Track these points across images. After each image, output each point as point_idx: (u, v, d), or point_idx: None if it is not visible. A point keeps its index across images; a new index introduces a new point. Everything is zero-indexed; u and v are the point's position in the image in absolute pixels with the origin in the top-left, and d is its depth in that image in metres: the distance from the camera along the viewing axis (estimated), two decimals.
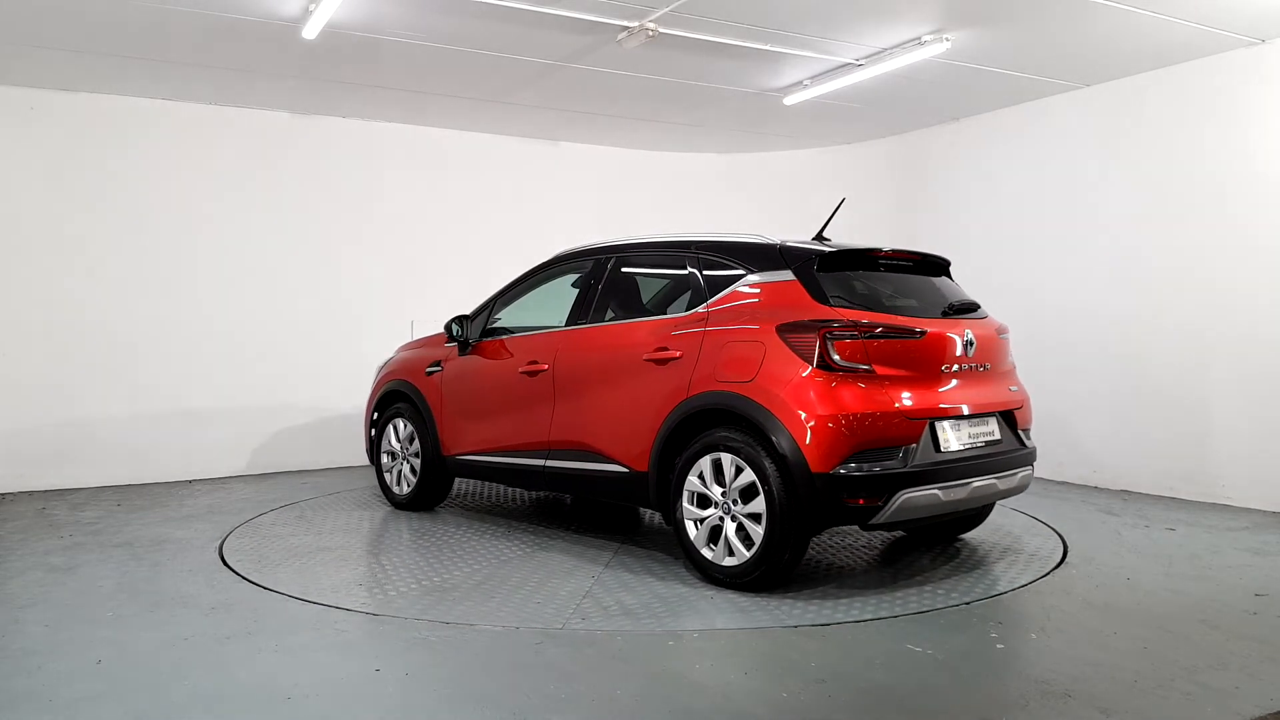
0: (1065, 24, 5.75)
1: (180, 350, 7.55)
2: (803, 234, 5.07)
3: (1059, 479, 7.25)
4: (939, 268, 5.05)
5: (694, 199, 9.44)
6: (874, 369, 4.25)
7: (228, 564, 4.91)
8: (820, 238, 5.05)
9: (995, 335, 4.88)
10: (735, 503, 4.36)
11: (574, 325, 5.33)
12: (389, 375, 6.49)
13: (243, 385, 7.79)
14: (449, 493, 6.44)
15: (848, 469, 4.10)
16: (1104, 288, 7.06)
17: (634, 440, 4.79)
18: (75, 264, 7.21)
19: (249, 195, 7.81)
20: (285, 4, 5.42)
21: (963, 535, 5.49)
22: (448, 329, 5.93)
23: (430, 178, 8.55)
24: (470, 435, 5.78)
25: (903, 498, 4.16)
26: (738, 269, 4.70)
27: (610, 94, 7.33)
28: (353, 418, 7.76)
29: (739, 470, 4.33)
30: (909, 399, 4.29)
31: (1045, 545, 5.27)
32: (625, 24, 5.70)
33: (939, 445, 4.35)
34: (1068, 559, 4.97)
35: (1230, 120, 6.30)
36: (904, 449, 4.22)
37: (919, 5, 5.50)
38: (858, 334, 4.26)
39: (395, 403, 6.36)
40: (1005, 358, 4.98)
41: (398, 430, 6.32)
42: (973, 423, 4.55)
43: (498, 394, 5.63)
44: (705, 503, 4.50)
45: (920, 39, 6.01)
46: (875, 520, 4.19)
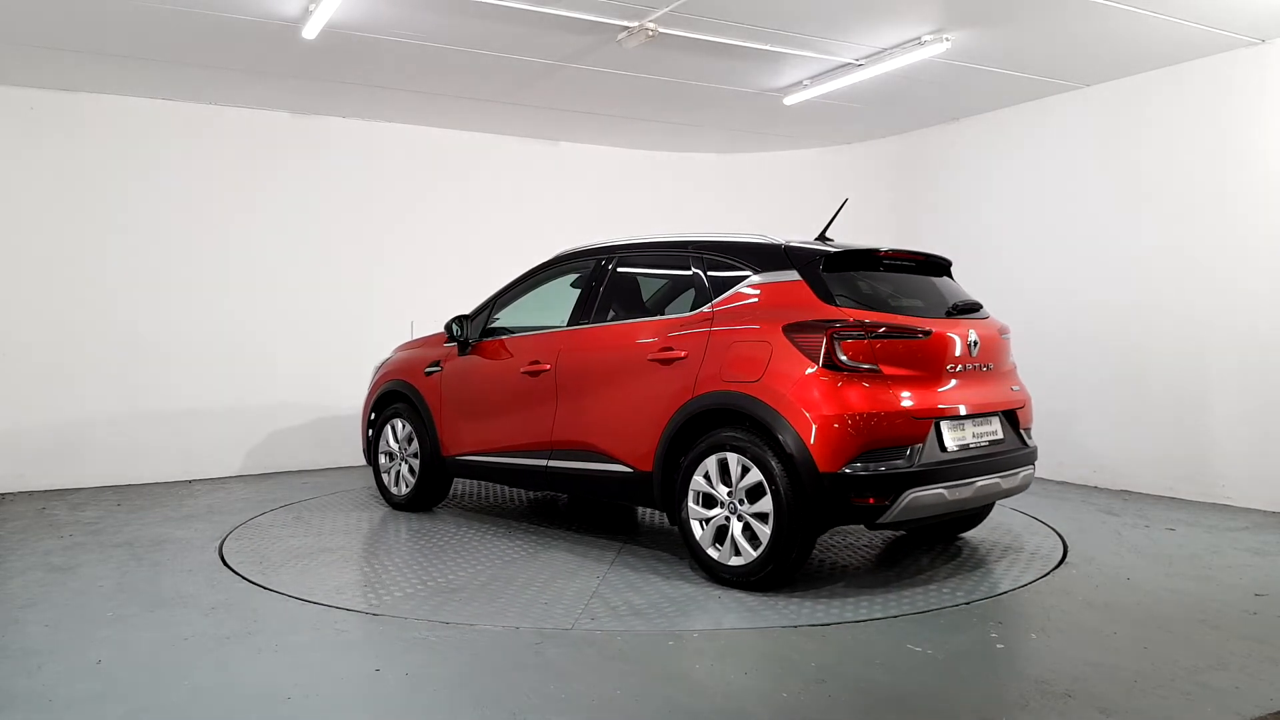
0: (1065, 24, 5.76)
1: (180, 350, 7.55)
2: (803, 234, 5.07)
3: (1059, 479, 7.25)
4: (940, 268, 5.06)
5: (694, 199, 9.44)
6: (880, 369, 4.26)
7: (228, 564, 4.91)
8: (823, 238, 5.05)
9: (997, 335, 4.91)
10: (741, 502, 4.35)
11: (576, 325, 5.32)
12: (386, 375, 6.47)
13: (243, 385, 7.79)
14: (447, 493, 6.44)
15: (855, 469, 4.11)
16: (1104, 287, 7.06)
17: (638, 440, 4.79)
18: (75, 264, 7.21)
19: (249, 195, 7.82)
20: (285, 4, 5.42)
21: (963, 534, 5.49)
22: (448, 329, 5.91)
23: (430, 178, 8.55)
24: (470, 435, 5.77)
25: (910, 497, 4.17)
26: (742, 269, 4.70)
27: (610, 94, 7.33)
28: (353, 418, 7.75)
29: (745, 470, 4.33)
30: (915, 399, 4.29)
31: (1045, 545, 5.27)
32: (625, 24, 5.70)
33: (944, 445, 4.36)
34: (1068, 559, 4.97)
35: (1230, 120, 6.30)
36: (910, 448, 4.23)
37: (919, 5, 5.51)
38: (864, 334, 4.26)
39: (393, 403, 6.36)
40: (1007, 358, 5.00)
41: (396, 430, 6.31)
42: (976, 422, 4.57)
43: (499, 394, 5.62)
44: (711, 503, 4.50)
45: (920, 39, 6.01)
46: (882, 520, 4.20)
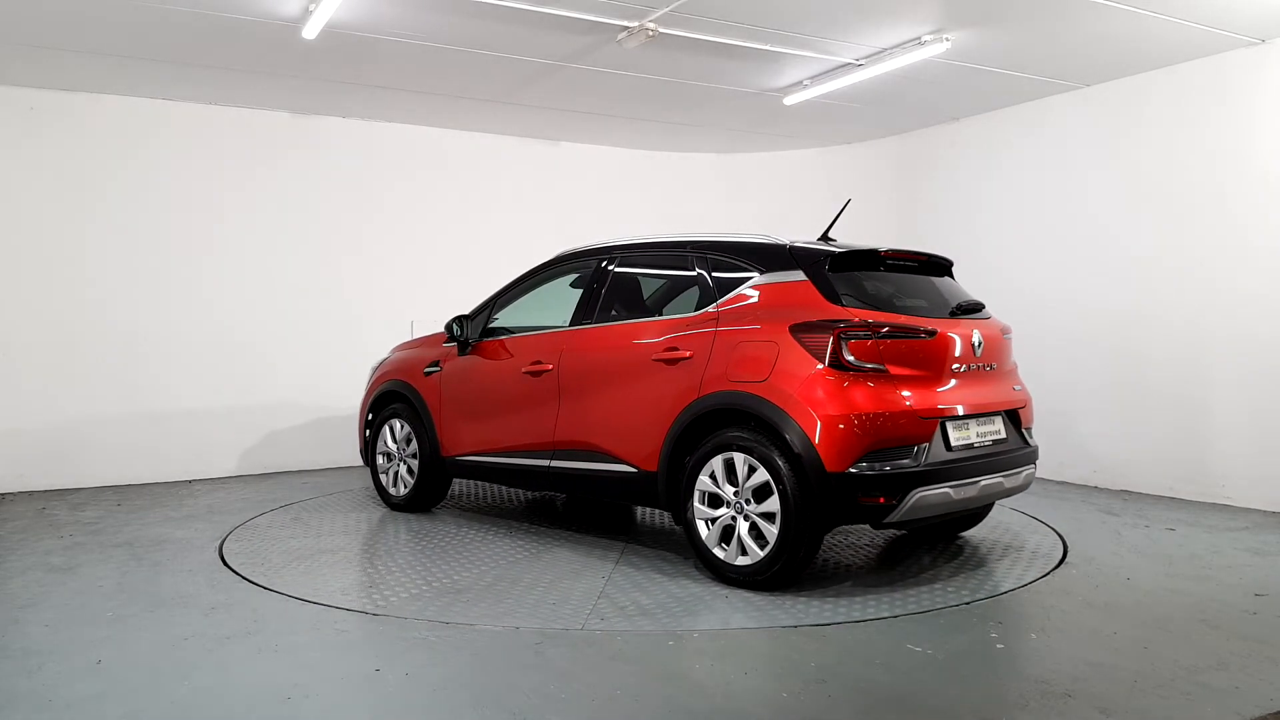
0: (1065, 24, 5.75)
1: (180, 350, 7.55)
2: (803, 234, 5.07)
3: (1059, 479, 7.25)
4: (942, 268, 5.07)
5: (694, 199, 9.44)
6: (886, 369, 4.27)
7: (228, 564, 4.91)
8: (826, 238, 5.06)
9: (1000, 335, 4.93)
10: (748, 502, 4.36)
11: (579, 325, 5.31)
12: (384, 376, 6.45)
13: (243, 385, 7.79)
14: (446, 494, 6.42)
15: (862, 468, 4.12)
16: (1104, 287, 7.06)
17: (643, 440, 4.78)
18: (75, 264, 7.21)
19: (249, 195, 7.81)
20: (285, 4, 5.42)
21: (963, 533, 5.50)
22: (449, 329, 5.90)
23: (430, 178, 8.55)
24: (471, 436, 5.76)
25: (916, 496, 4.18)
26: (747, 269, 4.70)
27: (610, 94, 7.33)
28: (353, 418, 7.71)
29: (752, 470, 4.33)
30: (921, 398, 4.31)
31: (1045, 545, 5.27)
32: (625, 24, 5.70)
33: (949, 444, 4.38)
34: (1068, 559, 4.97)
35: (1230, 120, 6.30)
36: (917, 448, 4.24)
37: (919, 5, 5.50)
38: (871, 334, 4.27)
39: (391, 403, 6.33)
40: (1009, 357, 5.02)
41: (394, 431, 6.29)
42: (980, 421, 4.58)
43: (500, 394, 5.61)
44: (717, 502, 4.50)
45: (920, 39, 6.01)
46: (889, 519, 4.21)
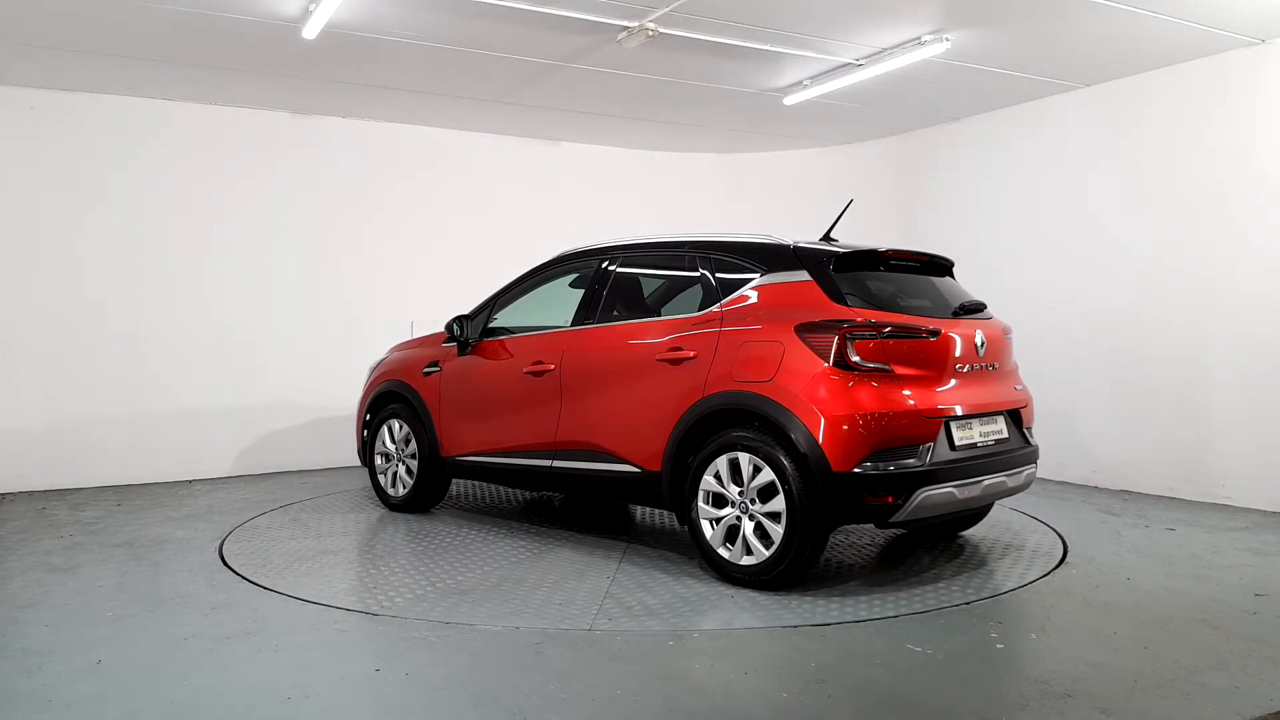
0: (1065, 24, 5.75)
1: (181, 350, 7.55)
2: (803, 234, 5.06)
3: (1059, 478, 7.24)
4: (943, 268, 5.09)
5: (694, 199, 9.44)
6: (892, 368, 4.29)
7: (228, 564, 4.91)
8: (828, 238, 5.06)
9: (1002, 335, 4.96)
10: (753, 502, 4.36)
11: (581, 325, 5.30)
12: (383, 376, 6.43)
13: (243, 385, 7.79)
14: (445, 494, 6.41)
15: (868, 468, 4.13)
16: (1104, 287, 7.06)
17: (647, 440, 4.78)
18: (75, 264, 7.21)
19: (249, 195, 7.81)
20: (285, 4, 5.42)
21: (963, 533, 5.50)
22: (449, 329, 5.89)
23: (430, 178, 8.55)
24: (471, 436, 5.75)
25: (922, 496, 4.19)
26: (751, 269, 4.71)
27: (610, 94, 7.33)
28: (353, 418, 7.73)
29: (757, 469, 4.34)
30: (926, 398, 4.32)
31: (1045, 545, 5.27)
32: (625, 24, 5.70)
33: (953, 443, 4.39)
34: (1068, 559, 4.97)
35: (1231, 120, 6.30)
36: (922, 447, 4.25)
37: (919, 5, 5.50)
38: (877, 334, 4.29)
39: (389, 404, 6.31)
40: (1010, 357, 5.04)
41: (393, 431, 6.27)
42: (983, 421, 4.60)
43: (501, 394, 5.60)
44: (721, 502, 4.50)
45: (920, 39, 6.01)
46: (895, 519, 4.22)
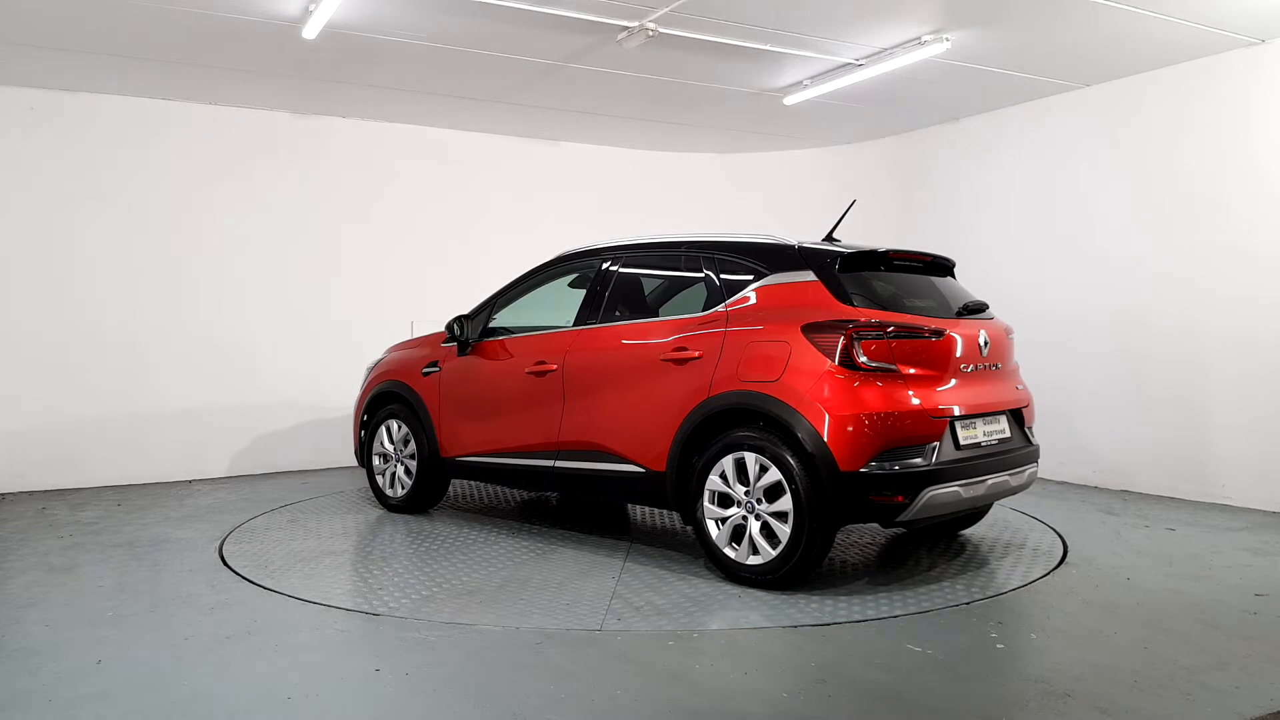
0: (1065, 24, 5.75)
1: (180, 350, 7.55)
2: (804, 234, 5.06)
3: (1059, 478, 7.25)
4: (944, 269, 5.11)
5: (694, 199, 9.44)
6: (898, 368, 4.30)
7: (228, 564, 4.91)
8: (830, 238, 5.06)
9: (1004, 335, 4.98)
10: (759, 501, 4.36)
11: (583, 325, 5.29)
12: (381, 376, 6.40)
13: (242, 385, 7.79)
14: (444, 495, 6.39)
15: (876, 467, 4.14)
16: (1104, 287, 7.06)
17: (651, 440, 4.78)
18: (75, 264, 7.21)
19: (249, 195, 7.81)
20: (285, 4, 5.42)
21: (962, 532, 5.51)
22: (449, 329, 5.87)
23: (430, 178, 8.54)
24: (472, 436, 5.74)
25: (928, 495, 4.21)
26: (756, 269, 4.71)
27: (610, 94, 7.33)
28: (352, 418, 7.75)
29: (763, 469, 4.34)
30: (932, 398, 4.34)
31: (1045, 545, 5.27)
32: (625, 24, 5.70)
33: (958, 443, 4.40)
34: (1068, 559, 4.97)
35: (1230, 120, 6.30)
36: (928, 447, 4.26)
37: (919, 5, 5.50)
38: (883, 334, 4.30)
39: (388, 404, 6.28)
40: (1011, 357, 5.06)
41: (391, 432, 6.24)
42: (987, 421, 4.62)
43: (502, 395, 5.58)
44: (727, 502, 4.50)
45: (920, 39, 6.01)
46: (901, 518, 4.23)
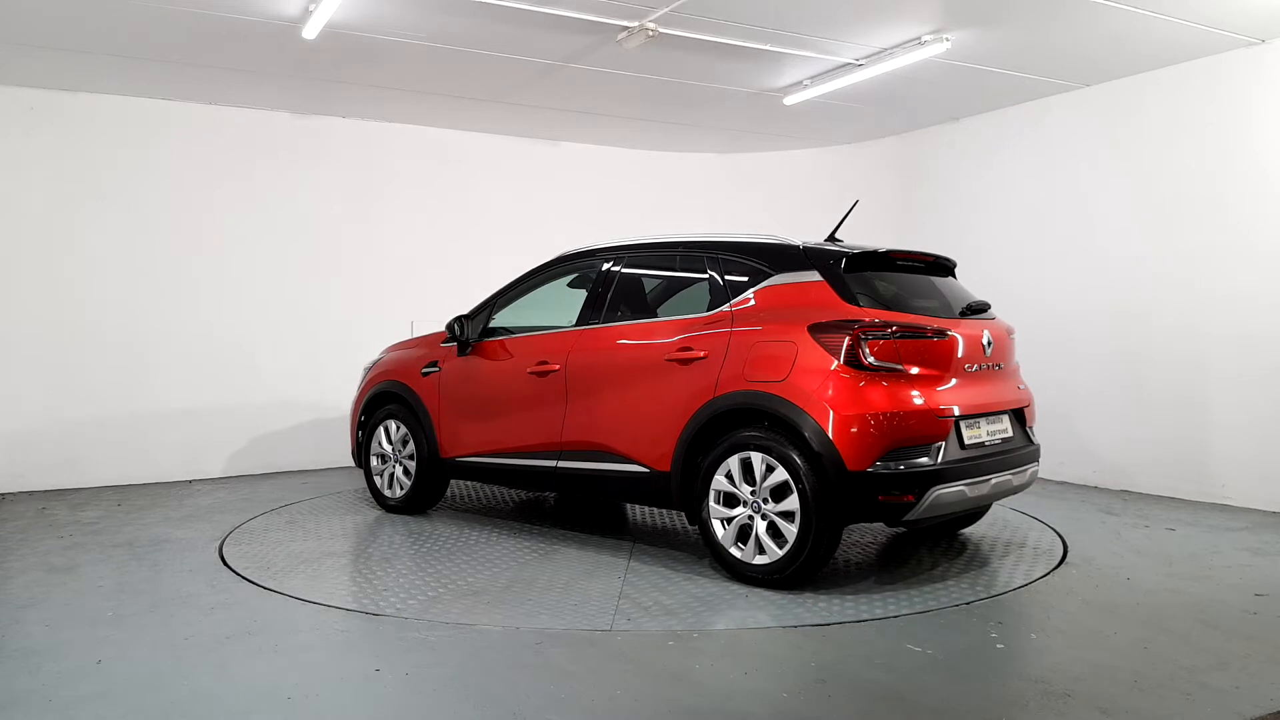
0: (1065, 24, 5.75)
1: (180, 350, 7.55)
2: (804, 234, 5.05)
3: (1059, 478, 7.24)
4: (946, 269, 5.12)
5: (694, 199, 9.44)
6: (904, 368, 4.31)
7: (228, 564, 4.91)
8: (833, 238, 5.07)
9: (1006, 335, 5.01)
10: (766, 501, 4.37)
11: (586, 325, 5.28)
12: (379, 376, 6.37)
13: (242, 385, 7.79)
14: (443, 495, 6.37)
15: (883, 467, 4.16)
16: (1104, 287, 7.06)
17: (656, 440, 4.78)
18: (75, 264, 7.21)
19: (249, 195, 7.81)
20: (285, 4, 5.42)
21: (962, 531, 5.52)
22: (450, 329, 5.86)
23: (430, 178, 8.54)
24: (473, 437, 5.72)
25: (935, 494, 4.22)
26: (760, 269, 4.71)
27: (610, 94, 7.33)
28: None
29: (770, 469, 4.34)
30: (938, 397, 4.35)
31: (1045, 545, 5.27)
32: (625, 24, 5.70)
33: (963, 442, 4.42)
34: (1068, 559, 4.97)
35: (1230, 120, 6.30)
36: (934, 446, 4.27)
37: (919, 5, 5.50)
38: (890, 333, 4.31)
39: (386, 404, 6.26)
40: (1013, 357, 5.08)
41: (389, 432, 6.22)
42: (990, 420, 4.63)
43: (504, 395, 5.57)
44: (733, 502, 4.51)
45: (920, 39, 6.01)
46: (908, 517, 4.24)
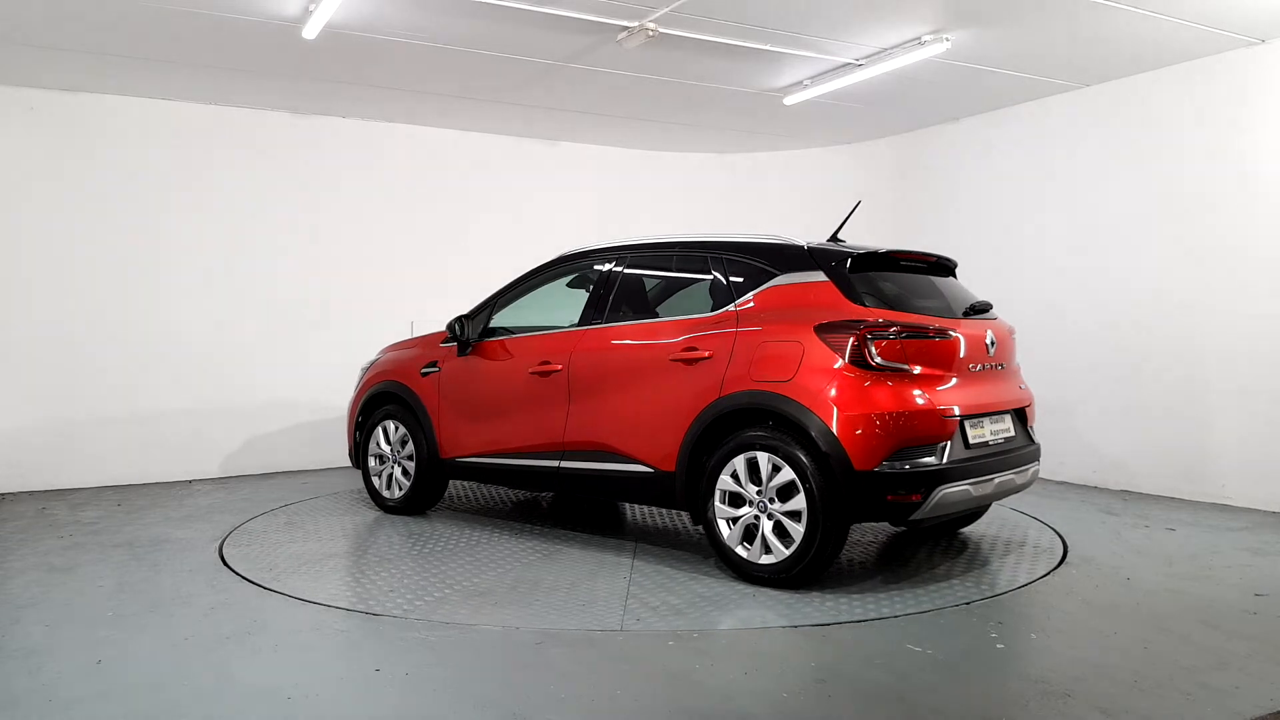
0: (1065, 24, 5.75)
1: (180, 350, 7.54)
2: (804, 234, 5.05)
3: (1059, 478, 7.24)
4: (947, 269, 5.14)
5: (694, 199, 9.44)
6: (911, 368, 4.32)
7: (228, 564, 4.91)
8: (835, 239, 5.07)
9: (1008, 335, 5.03)
10: (772, 501, 4.37)
11: (589, 325, 5.27)
12: (377, 377, 6.35)
13: (242, 385, 7.79)
14: (443, 496, 6.36)
15: (890, 466, 4.17)
16: (1104, 287, 7.05)
17: (660, 440, 4.77)
18: (75, 264, 7.21)
19: (249, 195, 7.81)
20: (285, 4, 5.42)
21: (962, 530, 5.53)
22: (451, 329, 5.85)
23: (430, 177, 8.54)
24: (473, 437, 5.71)
25: (942, 493, 4.23)
26: (765, 270, 4.72)
27: (610, 94, 7.33)
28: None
29: (776, 469, 4.35)
30: (943, 397, 4.37)
31: (1045, 545, 5.27)
32: (625, 24, 5.70)
33: (967, 442, 4.43)
34: (1068, 559, 4.97)
35: (1230, 120, 6.30)
36: (940, 446, 4.29)
37: (919, 5, 5.50)
38: (896, 334, 4.32)
39: (384, 404, 6.24)
40: (1014, 357, 5.10)
41: (388, 433, 6.20)
42: (993, 420, 4.65)
43: (505, 395, 5.55)
44: (738, 502, 4.51)
45: (920, 39, 6.01)
46: (915, 516, 4.25)
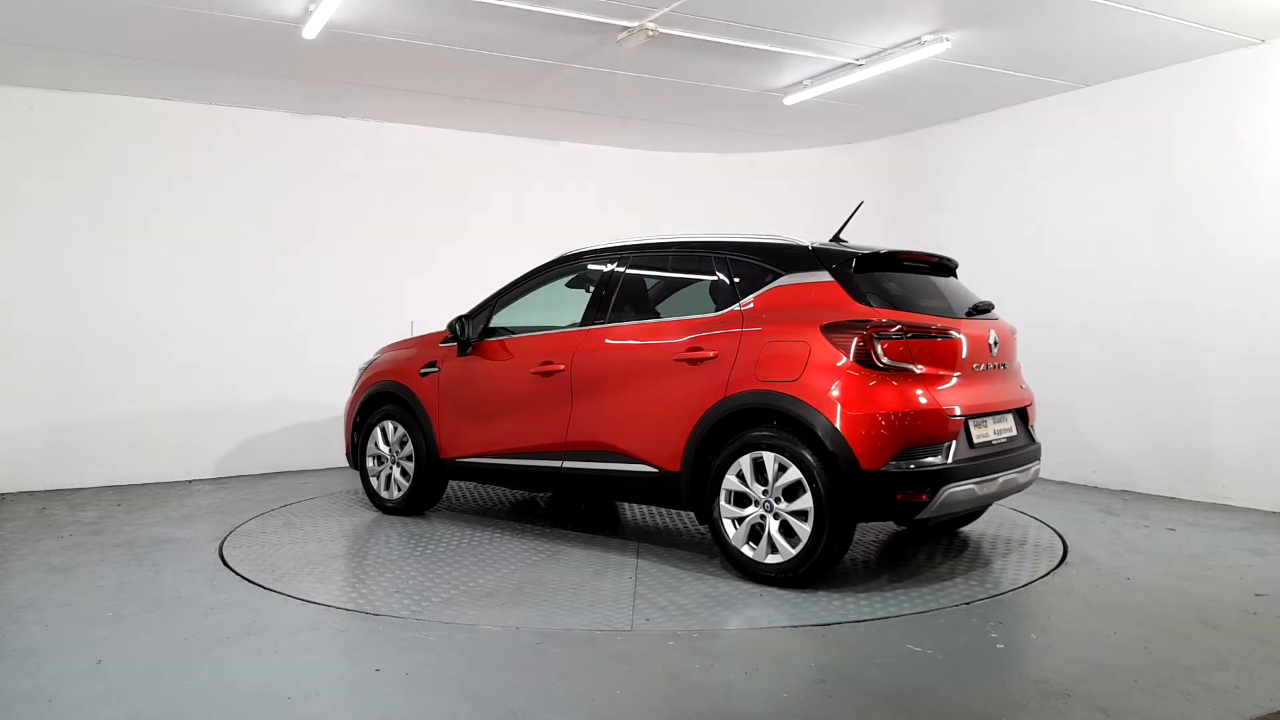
0: (1065, 24, 5.75)
1: (180, 349, 7.54)
2: (804, 234, 5.05)
3: (1059, 478, 7.24)
4: (949, 269, 5.15)
5: (694, 199, 9.44)
6: (916, 368, 4.33)
7: (228, 564, 4.91)
8: (838, 239, 5.07)
9: (1010, 335, 5.05)
10: (778, 500, 4.38)
11: (591, 325, 5.26)
12: (375, 377, 6.33)
13: (242, 385, 7.79)
14: (442, 496, 6.34)
15: (896, 466, 4.18)
16: (1104, 287, 7.05)
17: (665, 440, 4.77)
18: (75, 264, 7.21)
19: (249, 195, 7.81)
20: (285, 4, 5.42)
21: (962, 529, 5.54)
22: (451, 328, 5.84)
23: (430, 177, 8.54)
24: (474, 437, 5.69)
25: (947, 492, 4.25)
26: (770, 270, 4.72)
27: (610, 94, 7.33)
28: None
29: (782, 469, 4.35)
30: (948, 397, 4.38)
31: (1045, 545, 5.27)
32: (625, 24, 5.70)
33: (972, 441, 4.45)
34: (1068, 559, 4.97)
35: (1231, 120, 6.30)
36: (945, 445, 4.30)
37: (919, 5, 5.50)
38: (902, 334, 4.33)
39: (383, 405, 6.22)
40: (1016, 356, 5.12)
41: (386, 433, 6.18)
42: (996, 419, 4.67)
43: (507, 395, 5.54)
44: (744, 501, 4.51)
45: (920, 39, 6.01)
46: (920, 515, 4.26)
